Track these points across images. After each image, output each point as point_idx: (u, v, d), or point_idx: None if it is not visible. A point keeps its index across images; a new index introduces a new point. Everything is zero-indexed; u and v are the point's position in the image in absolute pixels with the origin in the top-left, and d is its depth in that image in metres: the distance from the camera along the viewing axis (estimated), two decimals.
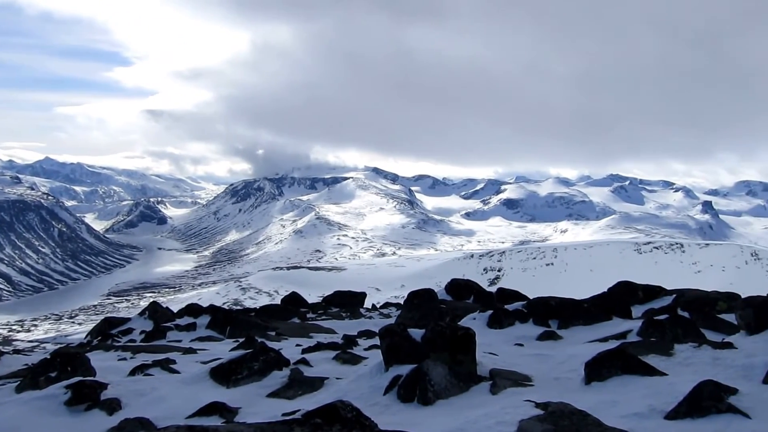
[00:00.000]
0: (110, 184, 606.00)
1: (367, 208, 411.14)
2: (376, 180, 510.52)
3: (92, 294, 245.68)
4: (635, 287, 14.77)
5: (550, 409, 5.51)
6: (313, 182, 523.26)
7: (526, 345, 10.26)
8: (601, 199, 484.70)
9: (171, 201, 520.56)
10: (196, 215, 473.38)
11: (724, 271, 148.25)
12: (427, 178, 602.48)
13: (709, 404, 5.69)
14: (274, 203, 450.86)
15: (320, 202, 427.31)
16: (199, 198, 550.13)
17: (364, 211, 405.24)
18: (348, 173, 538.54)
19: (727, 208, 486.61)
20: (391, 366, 7.73)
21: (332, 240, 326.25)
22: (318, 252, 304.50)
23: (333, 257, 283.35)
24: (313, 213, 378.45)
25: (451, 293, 21.30)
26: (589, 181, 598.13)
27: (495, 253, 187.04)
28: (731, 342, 8.24)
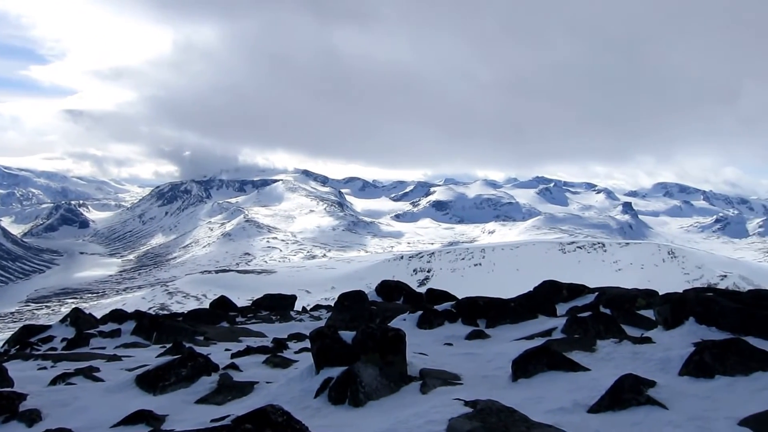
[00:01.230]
0: (28, 186, 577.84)
1: (297, 211, 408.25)
2: (305, 182, 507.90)
3: (9, 301, 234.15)
4: (560, 286, 15.21)
5: (478, 407, 5.60)
6: (242, 185, 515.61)
7: (455, 344, 10.40)
8: (527, 201, 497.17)
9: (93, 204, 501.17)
10: (121, 218, 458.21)
11: (643, 269, 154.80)
12: (357, 180, 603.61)
13: (629, 397, 5.94)
14: (201, 206, 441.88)
15: (249, 205, 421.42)
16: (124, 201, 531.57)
17: (294, 213, 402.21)
18: (277, 176, 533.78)
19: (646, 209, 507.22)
20: (322, 369, 7.69)
21: (262, 243, 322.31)
22: (247, 255, 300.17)
23: (263, 260, 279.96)
24: (242, 216, 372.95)
25: (381, 294, 21.39)
26: (516, 183, 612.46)
27: (424, 254, 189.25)
28: (650, 337, 8.60)
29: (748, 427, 5.22)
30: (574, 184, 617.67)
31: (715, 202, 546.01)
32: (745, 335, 7.73)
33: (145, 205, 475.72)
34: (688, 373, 6.71)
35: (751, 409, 5.53)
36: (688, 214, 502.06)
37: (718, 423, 5.33)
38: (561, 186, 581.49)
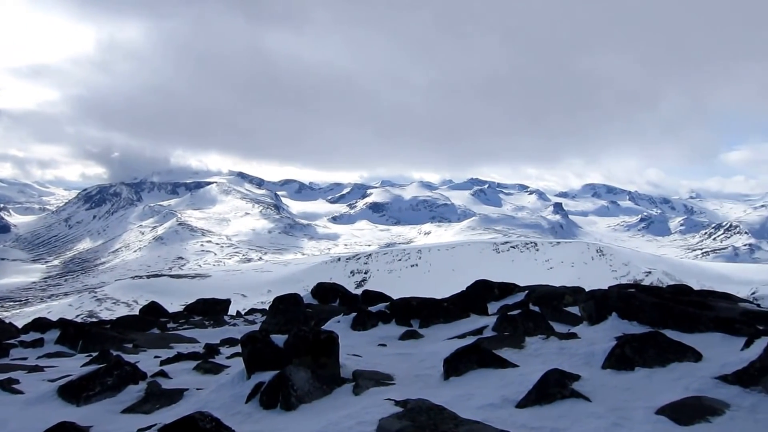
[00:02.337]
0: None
1: (232, 213, 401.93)
2: (240, 185, 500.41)
3: None
4: (491, 285, 15.50)
5: (408, 406, 5.67)
6: (175, 187, 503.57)
7: (388, 345, 10.46)
8: (462, 202, 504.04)
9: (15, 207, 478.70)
10: (45, 222, 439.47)
11: (573, 267, 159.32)
12: (294, 182, 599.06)
13: (555, 391, 6.14)
14: (132, 209, 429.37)
15: (182, 208, 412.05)
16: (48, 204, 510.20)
17: (229, 216, 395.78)
18: (211, 178, 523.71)
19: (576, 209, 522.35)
20: (254, 373, 7.61)
21: (195, 246, 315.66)
22: (180, 259, 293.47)
23: (196, 264, 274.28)
24: (175, 219, 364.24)
25: (317, 297, 21.33)
26: (451, 185, 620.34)
27: (361, 255, 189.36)
28: (575, 332, 8.89)
29: (665, 416, 5.49)
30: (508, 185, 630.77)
31: (639, 202, 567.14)
32: (663, 328, 8.10)
33: (71, 208, 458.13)
34: (611, 366, 6.98)
35: (667, 399, 5.83)
36: (615, 214, 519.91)
37: (637, 412, 5.58)
38: (495, 187, 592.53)
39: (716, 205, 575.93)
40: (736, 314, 8.87)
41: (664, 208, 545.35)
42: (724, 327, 8.15)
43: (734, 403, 5.72)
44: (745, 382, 6.03)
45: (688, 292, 11.65)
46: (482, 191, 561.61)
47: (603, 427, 5.30)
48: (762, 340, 6.65)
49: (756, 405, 5.66)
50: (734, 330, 8.09)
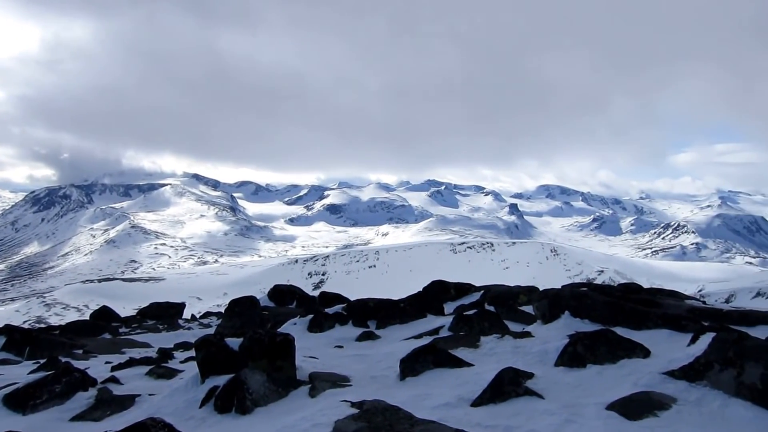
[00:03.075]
0: None
1: (187, 216, 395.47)
2: (195, 186, 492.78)
3: None
4: (448, 285, 15.63)
5: (364, 408, 5.67)
6: (127, 189, 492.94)
7: (345, 346, 10.45)
8: (419, 203, 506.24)
9: None
10: None
11: (529, 267, 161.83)
12: (250, 184, 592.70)
13: (509, 389, 6.24)
14: (82, 212, 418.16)
15: (135, 210, 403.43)
16: None
17: (184, 218, 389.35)
18: (165, 180, 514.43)
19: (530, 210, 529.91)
20: (208, 377, 7.51)
21: (149, 249, 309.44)
22: (133, 262, 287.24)
23: (150, 267, 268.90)
24: (128, 221, 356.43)
25: (273, 299, 21.17)
26: (408, 186, 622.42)
27: (319, 257, 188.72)
28: (530, 331, 9.03)
29: (615, 411, 5.65)
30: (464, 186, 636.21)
31: (592, 202, 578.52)
32: (614, 326, 8.29)
33: (18, 211, 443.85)
34: (563, 363, 7.12)
35: (617, 394, 5.99)
36: (568, 214, 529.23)
37: (588, 408, 5.71)
38: (451, 189, 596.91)
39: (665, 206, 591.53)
40: (682, 311, 9.14)
41: (616, 208, 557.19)
42: (672, 324, 8.39)
43: (681, 398, 5.90)
44: (691, 376, 6.22)
45: (638, 291, 11.95)
46: (439, 192, 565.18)
47: (555, 423, 5.40)
48: (707, 336, 6.85)
49: (701, 399, 5.85)
50: (681, 326, 8.33)
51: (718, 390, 5.99)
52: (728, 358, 6.07)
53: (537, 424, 5.42)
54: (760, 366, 5.85)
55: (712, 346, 6.32)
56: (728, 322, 9.12)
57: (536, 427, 5.35)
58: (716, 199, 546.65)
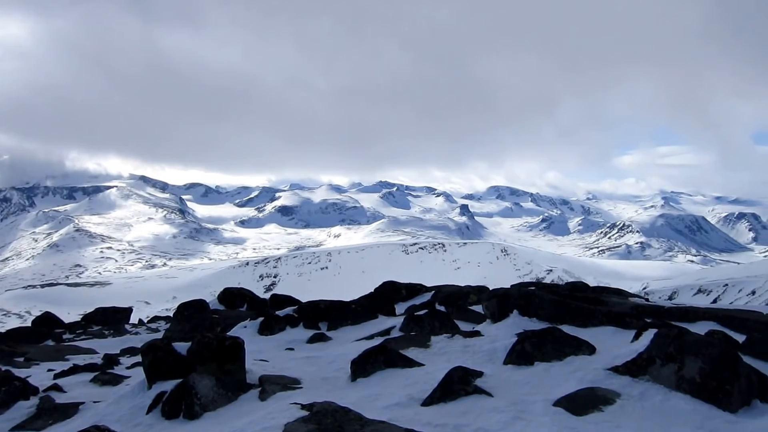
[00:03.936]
0: None
1: (134, 219, 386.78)
2: (143, 189, 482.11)
3: None
4: (399, 286, 15.68)
5: (314, 410, 5.65)
6: (71, 191, 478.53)
7: (296, 349, 10.38)
8: (371, 205, 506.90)
9: None
10: None
11: (480, 267, 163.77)
12: (199, 186, 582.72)
13: (458, 388, 6.30)
14: (24, 215, 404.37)
15: (80, 213, 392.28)
16: None
17: (131, 221, 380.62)
18: (111, 182, 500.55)
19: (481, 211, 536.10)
20: (155, 383, 7.37)
21: (94, 253, 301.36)
22: (78, 267, 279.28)
23: (95, 271, 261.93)
24: (72, 225, 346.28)
25: (223, 302, 20.86)
26: (360, 187, 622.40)
27: (271, 259, 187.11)
28: (479, 330, 9.14)
29: (561, 407, 5.78)
30: (416, 188, 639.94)
31: (540, 203, 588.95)
32: (561, 324, 8.47)
33: None
34: (512, 362, 7.23)
35: (564, 391, 6.13)
36: (518, 215, 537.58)
37: (536, 405, 5.83)
38: (403, 190, 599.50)
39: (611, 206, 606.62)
40: (626, 309, 9.39)
41: (564, 209, 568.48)
42: (616, 321, 8.62)
43: (625, 393, 6.07)
44: (634, 372, 6.40)
45: (584, 289, 12.21)
46: (391, 194, 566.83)
47: (504, 420, 5.49)
48: (650, 332, 7.05)
49: (644, 393, 6.03)
50: (625, 323, 8.56)
51: (660, 384, 6.18)
52: (669, 354, 6.26)
53: (486, 422, 5.49)
54: (698, 360, 6.06)
55: (654, 342, 6.51)
56: (669, 318, 9.41)
57: (485, 425, 5.43)
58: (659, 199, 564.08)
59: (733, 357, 6.12)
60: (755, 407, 5.90)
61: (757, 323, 9.04)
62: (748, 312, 9.94)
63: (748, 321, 9.11)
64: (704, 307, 10.28)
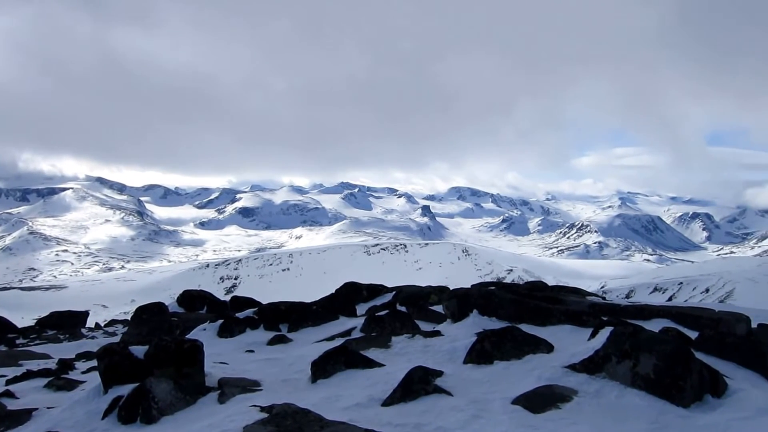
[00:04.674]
0: None
1: (91, 221, 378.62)
2: (99, 190, 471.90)
3: None
4: (360, 287, 15.68)
5: (274, 412, 5.62)
6: (25, 193, 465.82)
7: (257, 351, 10.30)
8: (333, 206, 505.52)
9: None
10: None
11: (441, 267, 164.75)
12: (158, 187, 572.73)
13: (418, 387, 6.34)
14: None
15: (34, 216, 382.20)
16: None
17: (87, 223, 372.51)
18: (67, 183, 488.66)
19: (442, 211, 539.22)
20: (111, 387, 7.22)
21: (49, 256, 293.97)
22: (32, 270, 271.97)
23: (51, 275, 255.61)
24: (26, 227, 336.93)
25: (183, 305, 20.60)
26: (322, 188, 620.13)
27: (231, 261, 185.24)
28: (439, 330, 9.20)
29: (520, 405, 5.87)
30: (377, 189, 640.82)
31: (501, 204, 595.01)
32: (520, 323, 8.57)
33: None
34: (471, 361, 7.30)
35: (523, 389, 6.22)
36: (479, 215, 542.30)
37: (494, 403, 5.91)
38: (365, 191, 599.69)
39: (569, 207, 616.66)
40: (584, 307, 9.56)
41: (524, 209, 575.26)
42: (574, 319, 8.77)
43: (581, 390, 6.18)
44: (591, 369, 6.52)
45: (543, 288, 12.40)
46: (353, 195, 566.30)
47: (463, 419, 5.54)
48: (606, 330, 7.19)
49: (600, 390, 6.15)
50: (582, 322, 8.72)
51: (616, 381, 6.30)
52: (624, 351, 6.39)
53: (445, 421, 5.54)
54: (653, 357, 6.20)
55: (609, 340, 6.64)
56: (625, 316, 9.61)
57: (444, 424, 5.47)
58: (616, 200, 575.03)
59: (686, 353, 6.27)
60: (707, 402, 6.06)
61: (709, 320, 9.29)
62: (701, 309, 10.21)
63: (701, 318, 9.37)
64: (658, 305, 10.53)
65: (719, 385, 6.34)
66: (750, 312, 12.64)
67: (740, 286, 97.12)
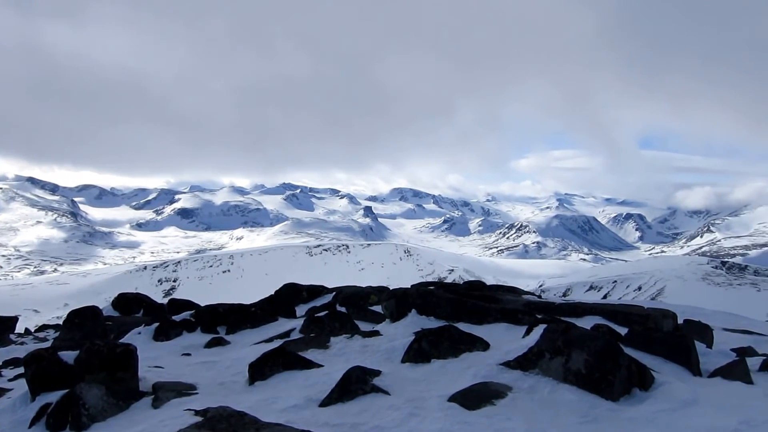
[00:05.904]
0: None
1: (21, 222, 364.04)
2: (30, 190, 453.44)
3: None
4: (300, 288, 15.59)
5: (208, 415, 5.54)
6: None
7: (193, 354, 10.12)
8: (274, 207, 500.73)
9: None
10: None
11: (383, 268, 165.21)
12: (93, 188, 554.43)
13: (356, 387, 6.37)
14: None
15: None
16: None
17: (17, 225, 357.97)
18: None
19: (385, 212, 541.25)
20: (39, 395, 6.98)
21: None
22: None
23: None
24: None
25: (118, 309, 20.06)
26: (263, 189, 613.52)
27: (170, 263, 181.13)
28: (378, 330, 9.24)
29: (456, 402, 5.96)
30: (319, 190, 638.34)
31: (443, 204, 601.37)
32: (457, 321, 8.70)
33: None
34: (409, 360, 7.37)
35: (459, 386, 6.31)
36: (420, 216, 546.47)
37: (431, 401, 5.98)
38: (307, 192, 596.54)
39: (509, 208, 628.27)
40: (519, 305, 9.77)
41: (465, 210, 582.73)
42: (509, 317, 8.95)
43: (516, 386, 6.33)
44: (525, 366, 6.67)
45: (481, 287, 12.61)
46: (294, 196, 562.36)
47: (400, 417, 5.59)
48: (539, 328, 7.38)
49: (533, 386, 6.30)
50: (517, 320, 8.91)
51: (549, 377, 6.47)
52: (557, 347, 6.57)
53: (382, 420, 5.58)
54: (584, 353, 6.39)
55: (543, 337, 6.82)
56: (559, 314, 9.87)
57: (381, 423, 5.51)
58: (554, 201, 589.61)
59: (615, 349, 6.49)
60: (635, 395, 6.30)
61: (638, 317, 9.64)
62: (631, 306, 10.57)
63: (630, 315, 9.70)
64: (591, 302, 10.86)
65: (646, 378, 6.58)
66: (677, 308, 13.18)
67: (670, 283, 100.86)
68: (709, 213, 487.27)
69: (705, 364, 7.84)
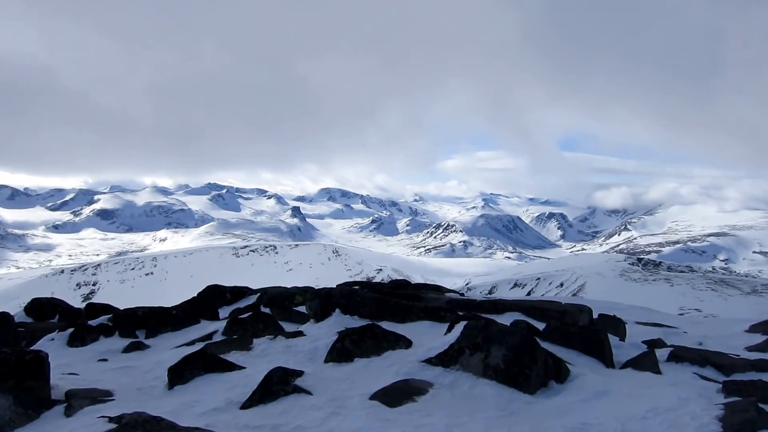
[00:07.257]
0: None
1: None
2: None
3: None
4: (223, 289, 15.33)
5: (123, 422, 5.37)
6: None
7: (110, 359, 9.79)
8: (199, 207, 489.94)
9: None
10: None
11: (311, 268, 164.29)
12: (4, 188, 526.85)
13: (278, 388, 6.32)
14: None
15: None
16: None
17: None
18: None
19: (313, 213, 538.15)
20: None
21: None
22: None
23: None
24: None
25: (31, 314, 19.15)
26: (188, 189, 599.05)
27: (89, 266, 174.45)
28: (302, 330, 9.20)
29: (378, 400, 6.02)
30: (246, 190, 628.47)
31: (371, 204, 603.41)
32: (381, 320, 8.77)
33: None
34: (332, 359, 7.37)
35: (381, 384, 6.37)
36: (349, 216, 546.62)
37: (353, 400, 6.02)
38: (233, 192, 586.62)
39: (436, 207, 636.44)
40: (442, 303, 9.93)
41: (393, 210, 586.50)
42: (432, 315, 9.09)
43: (437, 382, 6.44)
44: (446, 362, 6.80)
45: (405, 286, 12.74)
46: (220, 196, 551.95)
47: (321, 417, 5.59)
48: (460, 325, 7.52)
49: (454, 382, 6.43)
50: (440, 317, 9.06)
51: (469, 373, 6.62)
52: (477, 343, 6.72)
53: (303, 420, 5.56)
54: (502, 348, 6.57)
55: (463, 333, 6.96)
56: (480, 311, 10.09)
57: (303, 423, 5.49)
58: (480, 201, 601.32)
59: (532, 344, 6.71)
60: (551, 388, 6.53)
61: (555, 312, 9.97)
62: (549, 302, 10.93)
63: (548, 311, 10.03)
64: (511, 299, 11.15)
65: (562, 371, 6.83)
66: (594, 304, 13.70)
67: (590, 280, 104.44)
68: (626, 212, 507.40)
69: (618, 356, 8.21)
